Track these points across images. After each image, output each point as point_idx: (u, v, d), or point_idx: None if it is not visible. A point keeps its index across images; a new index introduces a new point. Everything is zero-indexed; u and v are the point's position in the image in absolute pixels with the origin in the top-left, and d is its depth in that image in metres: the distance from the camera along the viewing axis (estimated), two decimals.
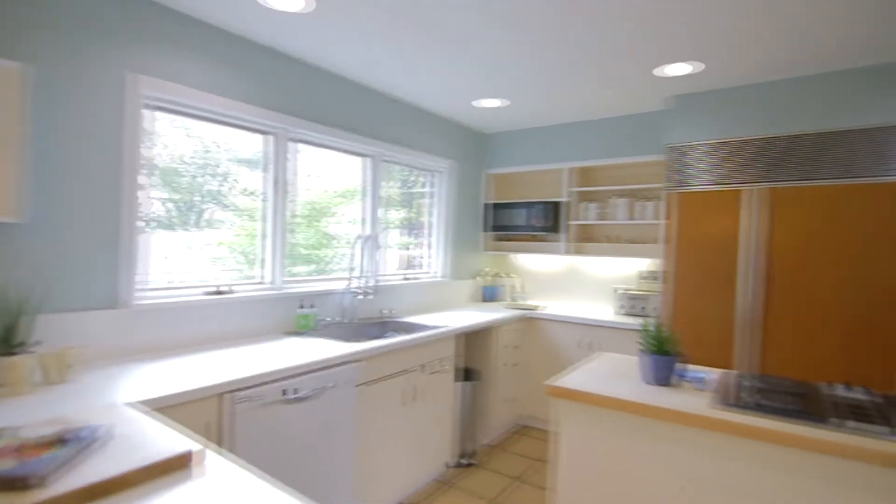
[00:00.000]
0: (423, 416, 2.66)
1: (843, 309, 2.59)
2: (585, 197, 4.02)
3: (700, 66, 2.68)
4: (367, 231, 3.27)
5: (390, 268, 3.57)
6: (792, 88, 2.79)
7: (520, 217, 4.13)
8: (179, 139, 2.29)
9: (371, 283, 3.11)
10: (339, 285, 2.93)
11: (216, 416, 1.66)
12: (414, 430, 2.61)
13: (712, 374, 1.90)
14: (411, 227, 3.85)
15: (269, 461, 1.82)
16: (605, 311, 3.80)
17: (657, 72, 2.78)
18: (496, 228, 4.27)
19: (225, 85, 2.37)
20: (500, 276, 4.42)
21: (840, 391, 1.65)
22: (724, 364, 2.89)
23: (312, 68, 2.82)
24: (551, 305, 4.07)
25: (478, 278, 4.38)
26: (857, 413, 1.42)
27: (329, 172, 3.07)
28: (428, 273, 3.93)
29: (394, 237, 3.67)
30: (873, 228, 2.52)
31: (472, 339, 3.49)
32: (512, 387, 3.57)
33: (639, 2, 2.03)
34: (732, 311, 2.89)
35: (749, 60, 2.60)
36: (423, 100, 3.49)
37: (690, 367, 2.03)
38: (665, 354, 1.75)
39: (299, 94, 2.74)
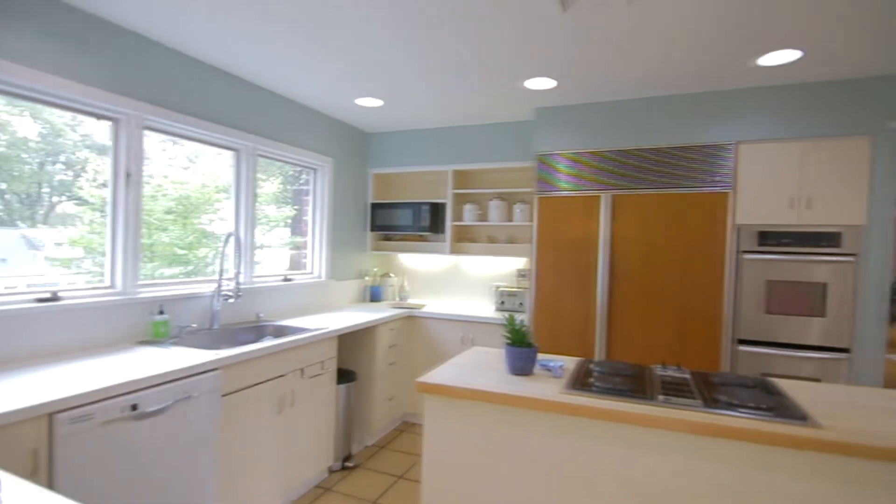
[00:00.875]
0: (301, 422, 2.58)
1: (674, 301, 3.02)
2: (464, 199, 4.14)
3: (553, 83, 2.95)
4: (242, 229, 3.08)
5: (276, 268, 3.41)
6: (639, 107, 3.18)
7: (404, 217, 4.14)
8: (23, 122, 1.95)
9: (243, 286, 2.93)
10: (209, 288, 2.73)
11: (45, 440, 1.46)
12: (291, 437, 2.51)
13: (570, 362, 2.09)
14: (296, 225, 3.72)
15: (113, 485, 1.64)
16: (485, 307, 3.98)
17: (526, 84, 2.96)
18: (380, 228, 4.26)
19: (59, 62, 2.06)
20: (388, 276, 4.43)
21: (669, 371, 1.91)
22: (586, 353, 3.20)
23: (168, 50, 2.55)
24: (434, 304, 4.15)
25: (365, 278, 4.35)
26: (678, 390, 1.65)
27: (203, 166, 2.84)
28: (310, 274, 3.81)
29: (281, 236, 3.50)
30: (698, 231, 2.99)
31: (354, 340, 3.45)
32: (394, 385, 3.60)
33: (500, 21, 2.19)
34: (593, 304, 3.21)
35: (596, 82, 2.91)
36: (298, 93, 3.34)
37: (553, 357, 2.21)
38: (525, 346, 1.89)
39: (153, 78, 2.46)
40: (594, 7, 2.03)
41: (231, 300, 2.81)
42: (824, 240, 2.77)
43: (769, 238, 2.88)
